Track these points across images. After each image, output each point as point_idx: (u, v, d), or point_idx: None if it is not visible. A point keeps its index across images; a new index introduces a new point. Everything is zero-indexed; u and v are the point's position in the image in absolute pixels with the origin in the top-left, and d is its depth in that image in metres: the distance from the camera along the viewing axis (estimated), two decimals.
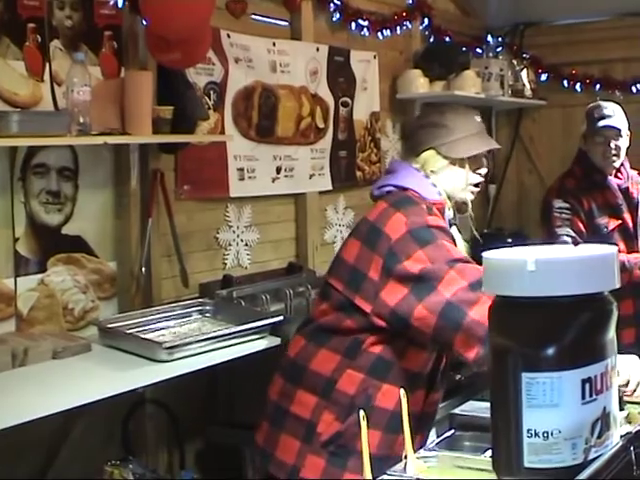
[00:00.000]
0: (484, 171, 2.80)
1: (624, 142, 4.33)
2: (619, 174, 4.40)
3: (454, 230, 2.79)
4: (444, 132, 2.73)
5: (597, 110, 4.36)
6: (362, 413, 2.57)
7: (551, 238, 4.29)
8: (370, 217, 2.67)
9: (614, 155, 4.31)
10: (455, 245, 2.64)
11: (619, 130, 4.29)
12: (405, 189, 2.70)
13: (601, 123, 4.30)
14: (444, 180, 2.74)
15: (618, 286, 1.72)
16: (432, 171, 2.73)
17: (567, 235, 4.25)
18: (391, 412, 2.62)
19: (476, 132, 2.78)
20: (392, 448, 2.62)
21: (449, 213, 2.77)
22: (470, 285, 2.41)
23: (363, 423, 2.59)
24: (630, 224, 4.32)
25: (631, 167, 4.52)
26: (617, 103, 4.51)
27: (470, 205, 2.85)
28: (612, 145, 4.30)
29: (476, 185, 2.80)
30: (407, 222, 2.55)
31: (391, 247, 2.54)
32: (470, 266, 2.48)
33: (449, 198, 2.76)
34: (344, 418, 2.62)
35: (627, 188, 4.39)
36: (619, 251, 4.13)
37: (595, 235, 4.25)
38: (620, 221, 4.33)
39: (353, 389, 2.62)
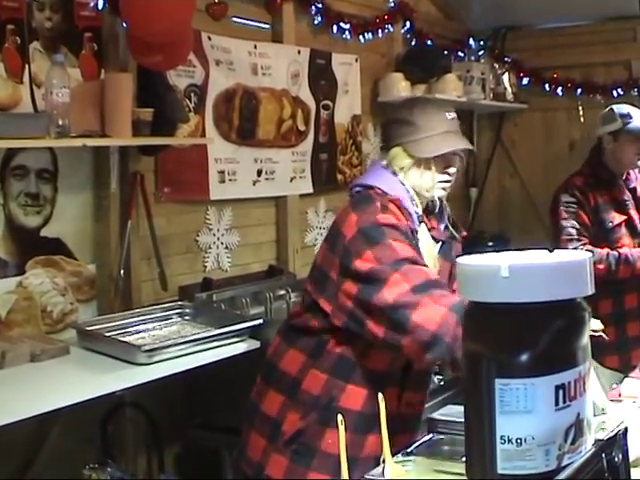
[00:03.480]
0: (453, 170, 2.72)
1: None
2: (628, 175, 4.51)
3: (422, 227, 2.73)
4: (411, 130, 2.67)
5: (622, 109, 4.44)
6: (340, 417, 2.57)
7: (557, 231, 4.42)
8: (336, 218, 2.69)
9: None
10: (410, 244, 2.58)
11: None
12: (371, 187, 2.68)
13: (633, 124, 4.38)
14: (411, 178, 2.70)
15: (592, 292, 1.71)
16: (400, 168, 2.70)
17: (572, 227, 4.36)
18: (357, 413, 2.62)
19: (444, 131, 2.68)
20: (361, 449, 2.63)
21: (417, 210, 2.70)
22: (413, 288, 2.40)
23: (341, 427, 2.59)
24: (636, 220, 4.42)
25: None
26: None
27: (444, 202, 2.80)
28: None
29: (445, 182, 2.72)
30: (358, 221, 2.54)
31: (345, 246, 2.54)
32: (415, 268, 2.46)
33: (418, 195, 2.71)
34: (307, 420, 2.63)
35: (635, 188, 4.51)
36: (623, 246, 4.30)
37: (600, 229, 4.38)
38: (626, 217, 4.41)
39: (317, 389, 2.63)
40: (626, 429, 1.86)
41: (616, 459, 1.74)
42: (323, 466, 2.61)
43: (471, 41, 6.48)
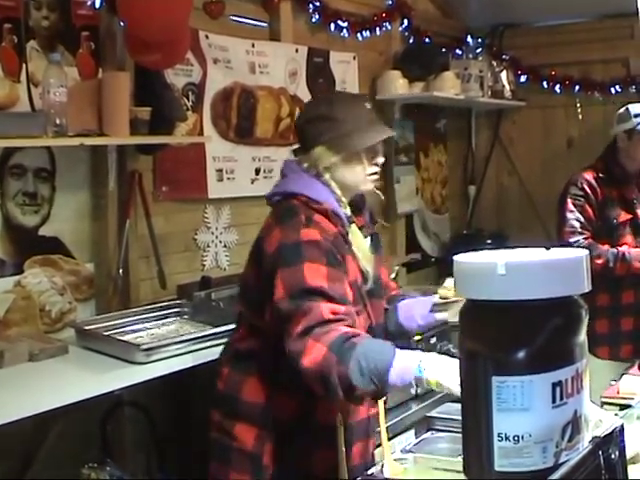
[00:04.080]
0: (381, 160, 2.63)
1: None
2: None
3: (353, 228, 2.62)
4: (335, 125, 2.54)
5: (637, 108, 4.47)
6: (339, 416, 2.56)
7: (562, 222, 4.47)
8: (260, 232, 2.58)
9: None
10: (329, 262, 2.43)
11: None
12: (293, 195, 2.54)
13: None
14: (340, 176, 2.57)
15: (588, 290, 1.71)
16: (325, 168, 2.57)
17: (576, 220, 4.42)
18: (334, 427, 2.50)
19: (368, 121, 2.59)
20: (364, 456, 2.61)
21: (346, 211, 2.59)
22: (303, 331, 2.30)
23: (341, 428, 2.58)
24: None
25: None
26: None
27: (378, 192, 2.74)
28: None
29: (375, 174, 2.63)
30: (280, 238, 2.44)
31: (267, 265, 2.46)
32: (315, 305, 2.33)
33: (346, 194, 2.60)
34: (288, 446, 2.54)
35: None
36: (625, 244, 4.36)
37: (605, 225, 4.44)
38: (632, 215, 4.46)
39: (290, 413, 2.54)
40: (622, 426, 1.86)
41: (613, 456, 1.75)
42: None
43: (469, 39, 6.49)
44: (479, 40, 6.55)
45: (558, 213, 4.56)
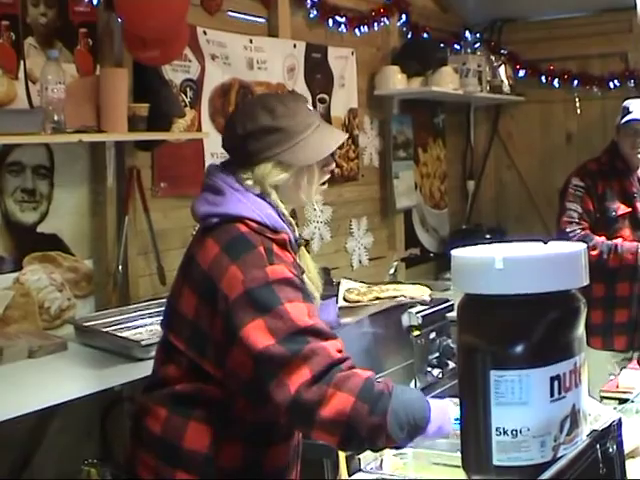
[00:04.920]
0: (333, 166, 2.37)
1: None
2: None
3: (303, 251, 2.38)
4: (281, 137, 2.22)
5: (632, 105, 4.47)
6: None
7: (561, 211, 4.52)
8: (201, 262, 2.20)
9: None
10: (304, 296, 2.16)
11: None
12: (238, 218, 2.19)
13: (628, 117, 4.41)
14: (288, 193, 2.29)
15: (586, 283, 1.72)
16: (273, 186, 2.25)
17: (574, 210, 4.47)
18: (284, 467, 2.34)
19: (317, 126, 2.29)
20: None
21: (295, 234, 2.31)
22: (315, 377, 2.02)
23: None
24: None
25: None
26: None
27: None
28: (639, 140, 4.44)
29: (324, 184, 2.37)
30: (244, 280, 2.09)
31: (229, 309, 2.10)
32: (317, 346, 2.05)
33: (288, 210, 2.31)
34: None
35: None
36: (622, 236, 4.37)
37: (603, 217, 4.48)
38: (631, 209, 4.48)
39: (237, 462, 2.24)
40: (620, 420, 1.86)
41: (610, 450, 1.75)
42: None
43: (467, 34, 6.49)
44: (477, 35, 6.55)
45: (559, 202, 4.61)
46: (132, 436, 2.40)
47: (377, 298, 3.01)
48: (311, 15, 5.03)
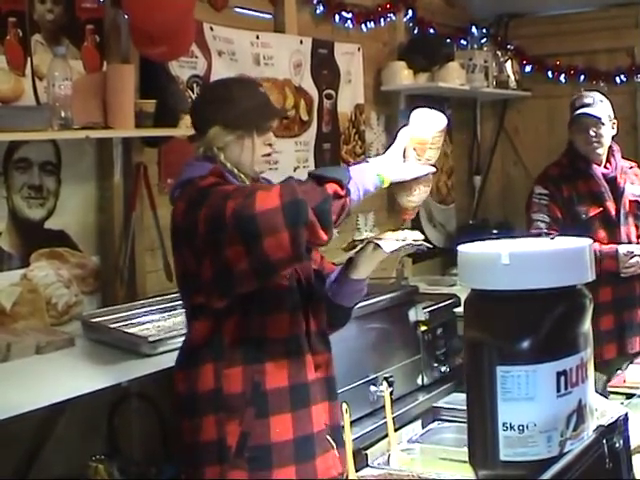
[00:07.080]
0: (274, 140, 2.70)
1: (606, 131, 4.31)
2: (608, 164, 4.39)
3: None
4: (230, 106, 2.59)
5: (578, 100, 4.37)
6: (345, 406, 2.56)
7: (528, 222, 4.36)
8: (174, 222, 2.56)
9: (595, 142, 4.30)
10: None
11: (598, 118, 4.27)
12: (190, 181, 2.53)
13: (578, 112, 4.31)
14: (234, 156, 2.60)
15: (593, 279, 1.72)
16: (219, 148, 2.59)
17: (541, 221, 4.28)
18: (289, 387, 2.52)
19: (263, 103, 2.67)
20: (310, 423, 2.52)
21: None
22: (244, 196, 2.26)
23: (346, 416, 2.58)
24: (612, 212, 4.29)
25: (623, 157, 4.51)
26: (602, 93, 4.50)
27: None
28: (592, 133, 4.27)
29: (267, 155, 2.68)
30: (181, 200, 2.49)
31: (179, 228, 2.49)
32: (243, 185, 2.50)
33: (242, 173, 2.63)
34: (245, 418, 2.48)
35: (615, 177, 4.36)
36: (597, 239, 4.08)
37: (574, 222, 4.24)
38: (601, 209, 4.29)
39: (239, 386, 2.48)
40: (627, 415, 1.86)
41: (617, 445, 1.75)
42: (284, 458, 2.48)
43: (474, 29, 6.49)
44: (484, 30, 6.55)
45: (526, 215, 4.45)
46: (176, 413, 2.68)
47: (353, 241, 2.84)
48: (317, 11, 5.03)
